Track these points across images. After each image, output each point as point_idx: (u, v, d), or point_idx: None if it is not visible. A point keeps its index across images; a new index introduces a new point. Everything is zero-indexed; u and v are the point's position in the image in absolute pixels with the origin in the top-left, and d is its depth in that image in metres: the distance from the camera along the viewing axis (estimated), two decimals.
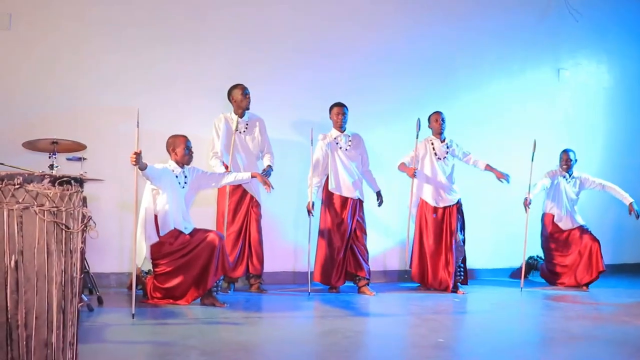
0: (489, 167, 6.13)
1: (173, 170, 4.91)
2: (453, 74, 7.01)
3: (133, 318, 4.23)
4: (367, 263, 5.84)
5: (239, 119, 5.63)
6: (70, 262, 2.26)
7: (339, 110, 5.82)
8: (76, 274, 2.29)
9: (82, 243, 2.35)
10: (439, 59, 6.95)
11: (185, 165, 4.99)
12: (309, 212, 5.71)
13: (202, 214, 5.66)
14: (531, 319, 4.99)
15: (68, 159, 4.90)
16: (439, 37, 6.95)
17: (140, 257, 4.83)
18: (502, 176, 6.06)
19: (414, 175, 5.88)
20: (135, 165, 4.31)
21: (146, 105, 5.54)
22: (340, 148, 5.83)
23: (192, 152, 5.01)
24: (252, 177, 5.18)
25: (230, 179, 5.16)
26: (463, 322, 4.84)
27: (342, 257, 5.78)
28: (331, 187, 5.79)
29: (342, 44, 6.55)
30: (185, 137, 4.97)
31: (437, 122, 6.07)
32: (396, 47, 6.77)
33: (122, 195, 5.58)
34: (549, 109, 7.50)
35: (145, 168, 4.49)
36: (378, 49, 6.70)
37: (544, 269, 6.87)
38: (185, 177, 4.99)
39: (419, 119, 5.91)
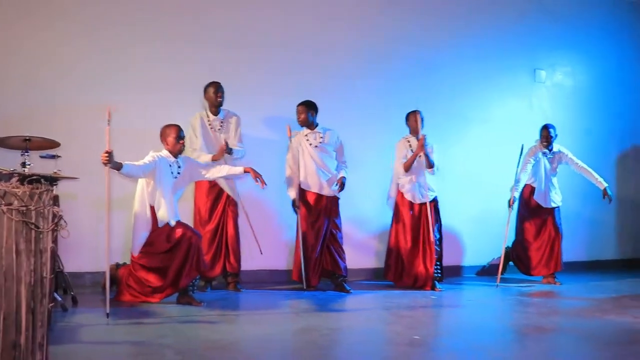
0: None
1: (167, 159, 4.86)
2: (433, 73, 7.04)
3: (107, 318, 4.19)
4: (343, 261, 5.85)
5: (214, 117, 5.62)
6: (40, 262, 2.24)
7: (298, 110, 5.83)
8: (46, 274, 2.26)
9: (52, 242, 2.32)
10: (419, 58, 6.98)
11: (178, 155, 4.95)
12: (295, 209, 5.78)
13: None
14: (505, 315, 5.05)
15: (41, 157, 4.83)
16: (419, 37, 6.98)
17: (135, 248, 4.82)
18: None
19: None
20: (106, 164, 4.26)
21: (123, 103, 5.50)
22: (311, 145, 5.82)
23: (184, 142, 4.97)
24: (245, 172, 5.09)
25: (224, 172, 5.08)
26: (439, 319, 4.88)
27: (318, 255, 5.79)
28: (303, 184, 5.80)
29: (323, 43, 6.54)
30: (177, 126, 4.93)
31: (415, 121, 6.08)
32: (376, 46, 6.77)
33: (98, 193, 5.48)
34: (527, 108, 7.59)
35: (121, 167, 4.42)
36: (358, 48, 6.70)
37: (514, 253, 6.85)
38: (179, 167, 4.95)
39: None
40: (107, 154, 4.24)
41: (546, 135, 6.56)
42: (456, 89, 7.17)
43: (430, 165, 5.99)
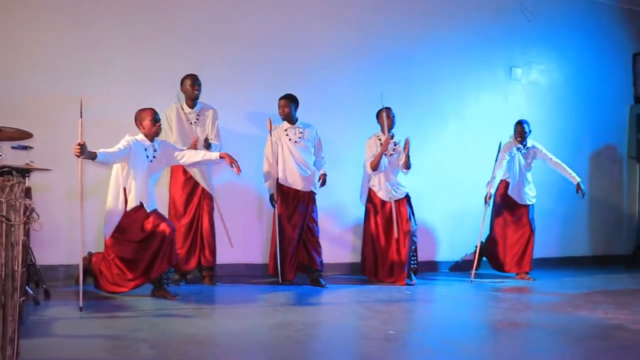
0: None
1: (143, 143, 4.81)
2: (411, 69, 7.05)
3: (81, 311, 4.15)
4: (319, 255, 5.85)
5: (190, 109, 5.55)
6: (12, 255, 2.19)
7: (282, 103, 5.80)
8: (18, 267, 2.22)
9: (24, 235, 2.28)
10: (397, 54, 6.99)
11: (155, 139, 4.90)
12: (272, 203, 5.78)
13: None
14: (479, 311, 5.08)
15: (13, 148, 4.75)
16: (397, 33, 6.98)
17: (107, 231, 4.76)
18: None
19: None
20: (79, 156, 4.22)
21: (97, 94, 5.44)
22: (290, 140, 5.81)
23: (160, 125, 4.92)
24: (221, 157, 5.00)
25: (199, 157, 5.00)
26: (413, 314, 4.91)
27: (294, 249, 5.79)
28: (280, 179, 5.78)
29: (301, 37, 6.52)
30: (152, 109, 4.87)
31: (388, 118, 6.07)
32: (354, 41, 6.77)
33: (71, 185, 5.42)
34: (503, 105, 7.64)
35: (95, 157, 4.37)
36: (336, 42, 6.68)
37: (488, 249, 6.85)
38: (155, 150, 4.89)
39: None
40: (79, 147, 4.19)
41: (520, 130, 6.62)
42: (433, 84, 7.20)
43: (408, 166, 5.99)
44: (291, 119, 5.83)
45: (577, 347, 3.80)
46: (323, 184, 5.91)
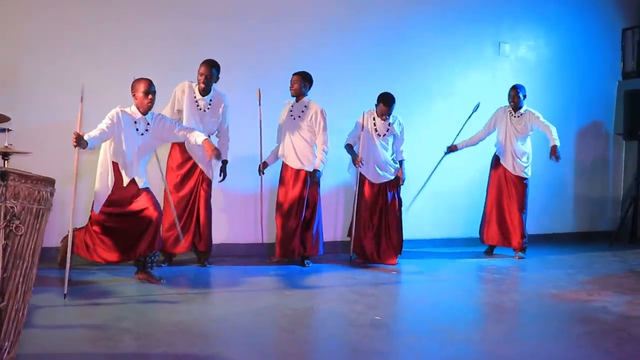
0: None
1: (132, 116, 4.65)
2: (396, 46, 6.95)
3: (65, 298, 4.10)
4: (316, 240, 5.81)
5: (202, 97, 5.33)
6: None
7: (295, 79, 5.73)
8: None
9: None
10: (382, 30, 6.87)
11: (149, 112, 4.71)
12: (260, 171, 5.78)
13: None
14: (466, 294, 5.04)
15: None
16: (382, 8, 6.86)
17: (96, 206, 4.68)
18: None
19: (359, 165, 5.92)
20: (76, 147, 4.15)
21: (81, 73, 5.31)
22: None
23: (153, 98, 4.65)
24: (203, 144, 4.79)
25: (192, 138, 4.81)
26: (400, 298, 4.91)
27: (295, 229, 5.70)
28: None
29: (286, 14, 6.39)
30: (148, 80, 4.64)
31: (379, 107, 5.93)
32: (339, 16, 6.64)
33: (50, 167, 5.31)
34: (491, 81, 7.55)
35: (87, 145, 4.26)
36: (320, 17, 6.56)
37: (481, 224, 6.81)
38: (148, 124, 4.71)
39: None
40: (76, 136, 4.12)
41: (514, 95, 6.48)
42: (419, 61, 7.11)
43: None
44: (299, 94, 5.74)
45: (561, 333, 3.82)
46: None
